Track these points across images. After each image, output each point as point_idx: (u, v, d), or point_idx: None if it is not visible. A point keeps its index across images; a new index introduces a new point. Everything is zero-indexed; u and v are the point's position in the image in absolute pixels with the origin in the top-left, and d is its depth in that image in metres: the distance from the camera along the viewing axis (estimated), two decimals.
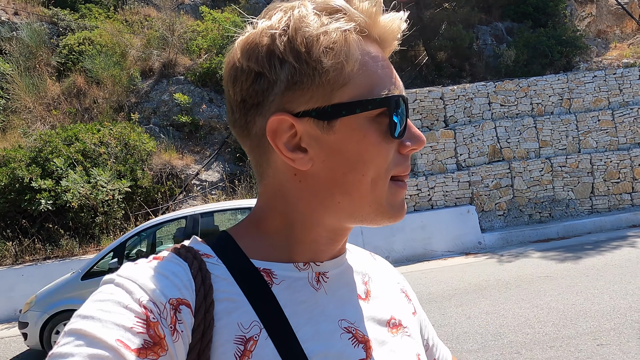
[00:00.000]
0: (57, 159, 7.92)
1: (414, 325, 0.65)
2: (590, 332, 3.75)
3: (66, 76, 10.89)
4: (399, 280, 0.70)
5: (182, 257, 0.51)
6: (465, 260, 7.18)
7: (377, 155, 0.51)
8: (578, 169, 8.61)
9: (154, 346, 0.44)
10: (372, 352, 0.54)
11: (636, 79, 9.08)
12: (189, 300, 0.48)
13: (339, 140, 0.50)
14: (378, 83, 0.51)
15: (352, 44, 0.49)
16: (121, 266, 0.51)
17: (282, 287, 0.53)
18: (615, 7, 14.16)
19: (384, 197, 0.52)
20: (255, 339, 0.48)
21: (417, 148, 0.54)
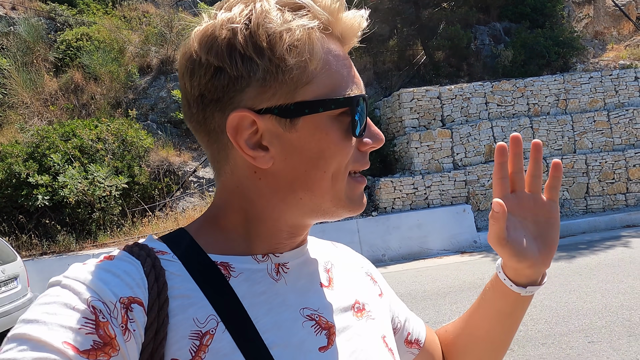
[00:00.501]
0: (55, 154, 7.92)
1: (380, 308, 0.65)
2: (582, 329, 3.80)
3: (64, 72, 10.88)
4: (363, 265, 0.70)
5: (134, 255, 0.50)
6: (461, 258, 7.23)
7: (338, 153, 0.51)
8: (573, 169, 8.68)
9: (104, 346, 0.43)
10: (335, 337, 0.55)
11: (632, 81, 9.15)
12: (141, 298, 0.47)
13: (301, 138, 0.50)
14: (341, 82, 0.51)
15: (316, 42, 0.49)
16: (70, 267, 0.49)
17: (240, 280, 0.52)
18: (612, 8, 14.24)
19: (343, 192, 0.53)
20: (211, 333, 0.48)
21: (376, 146, 0.55)
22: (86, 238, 7.81)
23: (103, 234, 7.87)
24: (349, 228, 7.55)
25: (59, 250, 7.43)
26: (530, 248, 0.61)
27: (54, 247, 7.48)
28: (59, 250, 7.43)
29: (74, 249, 7.48)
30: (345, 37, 0.54)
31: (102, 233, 7.88)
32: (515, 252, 0.61)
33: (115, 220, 8.16)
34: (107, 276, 0.47)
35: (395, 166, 9.13)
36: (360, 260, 0.71)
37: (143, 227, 8.24)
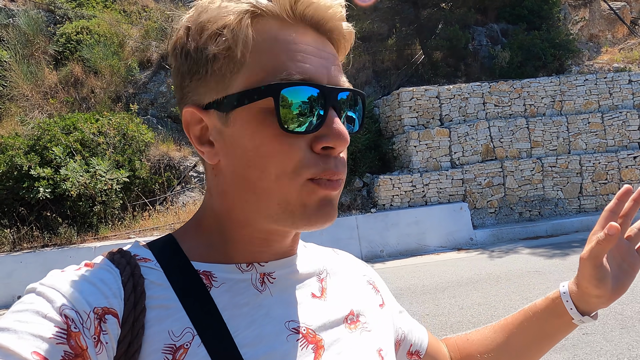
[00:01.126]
0: (56, 147, 7.95)
1: (380, 319, 0.63)
2: None
3: (63, 65, 10.86)
4: (365, 273, 0.68)
5: (114, 263, 0.49)
6: (458, 255, 7.38)
7: (275, 151, 0.47)
8: (567, 169, 8.87)
9: (75, 357, 0.41)
10: (323, 351, 0.52)
11: (626, 84, 9.35)
12: (116, 309, 0.45)
13: (236, 133, 0.48)
14: (276, 68, 0.46)
15: (243, 27, 0.47)
16: (48, 273, 0.48)
17: (222, 290, 0.50)
18: (607, 12, 14.47)
19: (295, 196, 0.48)
20: (186, 347, 0.46)
21: (334, 147, 0.48)
22: (87, 231, 7.86)
23: (104, 227, 7.93)
24: (348, 224, 7.67)
25: (61, 243, 7.47)
26: (609, 281, 0.64)
27: (56, 240, 7.52)
28: (60, 242, 7.48)
29: (75, 241, 7.53)
30: (312, 20, 0.49)
31: (104, 226, 7.94)
32: (600, 277, 0.63)
33: (116, 213, 8.21)
34: (83, 285, 0.45)
35: (393, 164, 9.27)
36: (362, 268, 0.68)
37: (144, 220, 8.30)
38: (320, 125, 0.47)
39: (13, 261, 6.93)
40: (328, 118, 0.47)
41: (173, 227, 8.03)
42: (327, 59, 0.49)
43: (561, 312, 0.68)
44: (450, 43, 11.69)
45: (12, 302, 6.68)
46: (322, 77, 0.48)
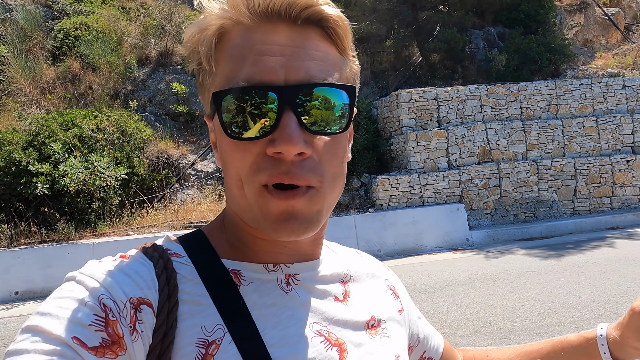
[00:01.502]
0: (55, 143, 7.93)
1: (398, 325, 0.63)
2: (573, 321, 4.05)
3: (61, 61, 10.81)
4: (387, 277, 0.68)
5: (148, 256, 0.50)
6: (454, 255, 7.48)
7: (233, 155, 0.48)
8: (562, 172, 9.00)
9: (112, 345, 0.43)
10: (347, 355, 0.53)
11: (620, 89, 9.51)
12: (151, 300, 0.47)
13: (218, 140, 0.52)
14: (229, 75, 0.47)
15: (207, 39, 0.48)
16: (86, 263, 0.50)
17: (251, 289, 0.51)
18: (602, 17, 14.68)
19: (256, 204, 0.48)
20: (217, 343, 0.47)
21: (280, 151, 0.45)
22: (85, 227, 7.85)
23: (102, 223, 7.92)
24: (346, 223, 7.74)
25: (59, 239, 7.46)
26: None
27: (53, 236, 7.51)
28: (58, 238, 7.46)
29: (73, 237, 7.52)
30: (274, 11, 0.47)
31: (102, 223, 7.93)
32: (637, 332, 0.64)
33: (115, 210, 8.21)
34: (119, 275, 0.47)
35: (391, 164, 9.35)
36: (384, 273, 0.68)
37: (142, 218, 8.30)
38: (275, 129, 0.45)
39: (10, 257, 6.91)
40: (280, 121, 0.45)
41: (171, 225, 8.04)
42: (294, 55, 0.46)
43: (593, 353, 0.68)
44: (448, 45, 11.80)
45: (9, 297, 6.66)
46: (277, 76, 0.46)
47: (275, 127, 0.45)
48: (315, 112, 0.47)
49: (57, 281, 6.74)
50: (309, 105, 0.46)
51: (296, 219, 0.47)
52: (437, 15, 12.79)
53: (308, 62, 0.47)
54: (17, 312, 6.01)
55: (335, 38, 0.50)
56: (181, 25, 11.87)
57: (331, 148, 0.49)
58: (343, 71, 0.51)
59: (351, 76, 0.53)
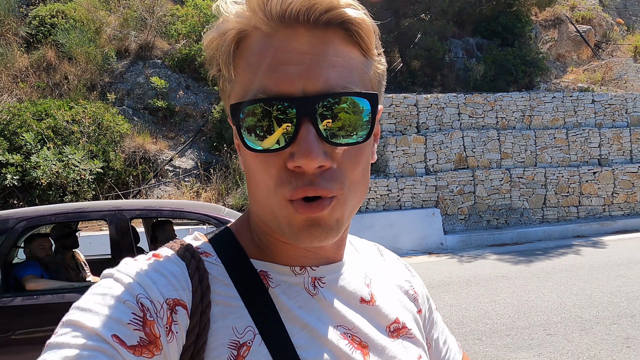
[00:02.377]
0: (27, 133, 7.68)
1: (418, 326, 0.63)
2: (541, 324, 4.23)
3: (36, 48, 10.47)
4: (408, 278, 0.67)
5: (180, 256, 0.51)
6: (429, 259, 7.65)
7: (256, 167, 0.48)
8: (533, 181, 9.34)
9: (149, 345, 0.43)
10: (370, 358, 0.53)
11: (589, 103, 9.94)
12: (185, 301, 0.47)
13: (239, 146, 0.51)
14: (249, 86, 0.46)
15: (225, 46, 0.48)
16: (121, 261, 0.50)
17: (279, 292, 0.52)
18: (574, 34, 15.30)
19: (281, 214, 0.47)
20: (248, 345, 0.48)
21: (300, 165, 0.44)
22: None
23: None
24: None
25: None
26: None
27: None
28: None
29: None
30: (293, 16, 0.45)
31: None
32: None
33: None
34: (155, 276, 0.47)
35: (370, 168, 9.46)
36: (404, 273, 0.67)
37: None
38: (293, 141, 0.44)
39: None
40: (299, 134, 0.44)
41: None
42: (313, 63, 0.45)
43: None
44: (429, 53, 12.06)
45: None
46: (295, 87, 0.44)
47: (294, 139, 0.44)
48: (335, 122, 0.45)
49: None
50: (328, 116, 0.45)
51: (319, 226, 0.47)
52: (419, 23, 13.04)
53: (328, 70, 0.45)
54: None
55: (358, 39, 0.48)
56: (163, 18, 11.68)
57: (352, 156, 0.48)
58: (366, 74, 0.49)
59: (375, 78, 0.51)
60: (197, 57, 10.71)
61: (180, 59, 10.95)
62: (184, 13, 11.94)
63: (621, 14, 19.27)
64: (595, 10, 16.58)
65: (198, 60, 10.69)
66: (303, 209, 0.45)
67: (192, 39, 11.26)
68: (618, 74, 13.20)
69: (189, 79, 11.00)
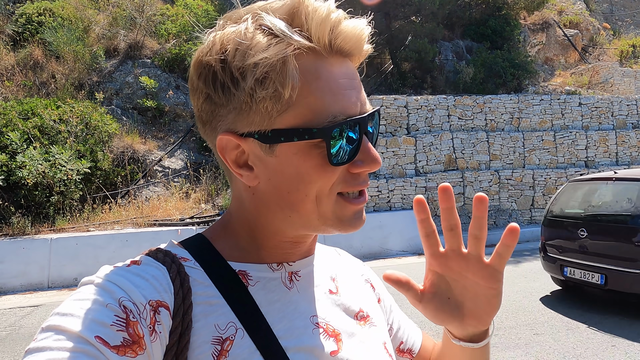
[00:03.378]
0: (12, 132, 7.56)
1: (379, 314, 0.67)
2: (528, 323, 4.27)
3: (22, 46, 10.32)
4: (363, 272, 0.72)
5: (160, 261, 0.52)
6: (419, 259, 7.67)
7: (318, 178, 0.51)
8: (522, 182, 9.43)
9: (132, 344, 0.45)
10: (342, 344, 0.57)
11: (576, 106, 10.08)
12: (167, 303, 0.49)
13: (280, 162, 0.51)
14: (322, 109, 0.49)
15: (290, 71, 0.48)
16: (100, 269, 0.52)
17: (258, 288, 0.55)
18: (562, 37, 15.51)
19: (331, 211, 0.53)
20: (231, 339, 0.50)
21: (369, 170, 0.53)
22: (43, 222, 7.51)
23: (61, 218, 7.60)
24: None
25: (13, 233, 7.09)
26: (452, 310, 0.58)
27: (7, 230, 7.13)
28: (12, 232, 7.09)
29: (29, 232, 7.17)
30: (345, 51, 0.52)
31: (61, 217, 7.61)
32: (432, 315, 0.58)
33: (75, 205, 7.90)
34: (137, 279, 0.49)
35: None
36: (360, 268, 0.73)
37: (104, 213, 8.03)
38: (357, 152, 0.51)
39: None
40: (363, 145, 0.52)
41: (135, 222, 7.82)
42: (357, 88, 0.53)
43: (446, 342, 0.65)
44: (419, 55, 12.12)
45: None
46: (357, 108, 0.52)
47: (358, 150, 0.52)
48: (374, 130, 0.56)
49: (9, 278, 6.42)
50: (372, 126, 0.55)
51: (362, 215, 0.55)
52: (409, 25, 13.12)
53: (363, 92, 0.55)
54: None
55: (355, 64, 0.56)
56: (152, 17, 11.60)
57: None
58: None
59: None
60: (187, 57, 10.64)
61: (170, 59, 10.87)
62: (174, 12, 11.87)
63: (607, 19, 19.60)
64: (582, 15, 16.83)
65: (188, 60, 10.62)
66: (355, 200, 0.54)
67: (182, 38, 11.20)
68: (604, 78, 13.42)
69: (178, 78, 10.93)
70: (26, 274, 6.47)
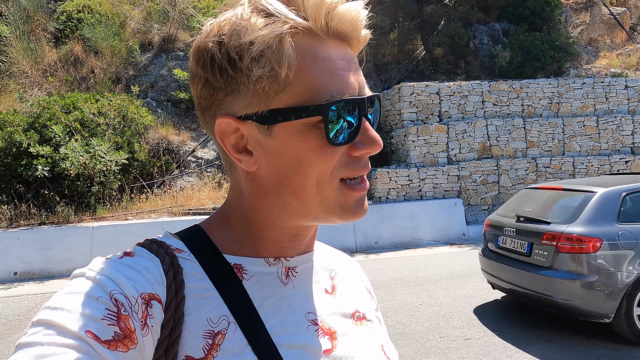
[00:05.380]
0: (56, 126, 7.94)
1: (378, 320, 0.67)
2: None
3: (63, 43, 10.77)
4: (363, 279, 0.72)
5: (153, 252, 0.52)
6: (450, 249, 7.54)
7: (318, 160, 0.50)
8: (561, 170, 9.04)
9: (124, 339, 0.44)
10: (338, 342, 0.56)
11: (622, 89, 9.51)
12: (160, 295, 0.48)
13: (279, 144, 0.50)
14: (320, 88, 0.49)
15: (286, 49, 0.48)
16: (92, 261, 0.51)
17: (252, 282, 0.54)
18: (607, 16, 14.61)
19: (333, 198, 0.52)
20: (223, 333, 0.50)
21: (370, 152, 0.52)
22: (85, 210, 7.89)
23: (102, 207, 7.96)
24: None
25: (58, 221, 7.50)
26: None
27: (53, 218, 7.55)
28: (57, 221, 7.50)
29: (72, 220, 7.56)
30: (342, 34, 0.52)
31: (101, 207, 7.97)
32: None
33: (114, 194, 8.24)
34: (129, 272, 0.48)
35: (391, 157, 9.37)
36: (360, 274, 0.72)
37: (141, 203, 8.34)
38: (356, 134, 0.51)
39: (10, 237, 6.96)
40: (362, 127, 0.51)
41: (170, 211, 8.09)
42: (356, 71, 0.53)
43: None
44: (452, 40, 11.76)
45: (8, 277, 6.72)
46: (355, 89, 0.51)
47: (357, 132, 0.51)
48: (374, 117, 0.55)
49: (55, 263, 6.81)
50: (372, 112, 0.55)
51: (364, 202, 0.55)
52: (442, 9, 12.73)
53: (362, 75, 0.54)
54: (15, 292, 6.07)
55: (356, 50, 0.56)
56: (184, 11, 11.80)
57: None
58: None
59: None
60: None
61: None
62: (205, 5, 12.04)
63: None
64: None
65: None
66: (357, 186, 0.53)
67: None
68: None
69: None
70: (70, 260, 6.84)
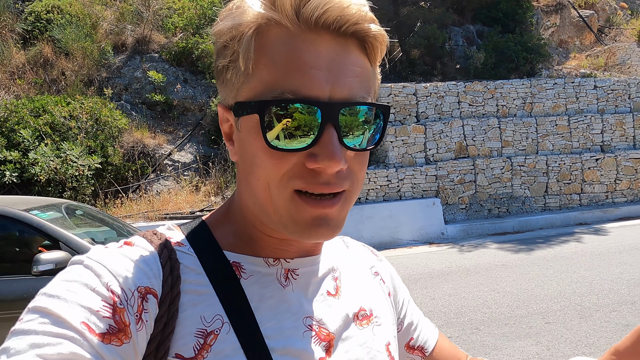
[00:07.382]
0: (24, 130, 7.67)
1: (386, 310, 0.63)
2: (540, 312, 4.19)
3: (32, 45, 10.42)
4: (373, 264, 0.68)
5: (153, 244, 0.51)
6: (429, 249, 7.61)
7: (265, 162, 0.47)
8: (535, 169, 9.25)
9: (118, 332, 0.43)
10: (334, 350, 0.54)
11: (591, 89, 9.80)
12: (156, 289, 0.47)
13: (243, 139, 0.50)
14: (272, 83, 0.46)
15: (245, 40, 0.47)
16: (91, 248, 0.50)
17: (250, 282, 0.52)
18: (577, 19, 15.06)
19: (284, 208, 0.48)
20: (216, 333, 0.48)
21: (322, 168, 0.46)
22: None
23: None
24: None
25: None
26: None
27: None
28: None
29: None
30: (327, 24, 0.46)
31: None
32: None
33: (87, 200, 8.01)
34: (127, 263, 0.47)
35: (370, 158, 9.40)
36: (369, 259, 0.69)
37: (116, 208, 8.13)
38: (315, 143, 0.45)
39: None
40: (322, 137, 0.45)
41: (147, 215, 7.91)
42: (339, 70, 0.46)
43: None
44: (428, 41, 11.91)
45: None
46: (323, 91, 0.45)
47: (316, 142, 0.45)
48: (355, 129, 0.48)
49: None
50: (349, 123, 0.47)
51: (328, 224, 0.48)
52: (418, 11, 12.88)
53: (350, 78, 0.47)
54: None
55: (370, 51, 0.50)
56: (159, 12, 11.59)
57: (362, 159, 0.51)
58: (373, 84, 0.52)
59: (377, 88, 0.53)
60: (194, 50, 10.63)
61: (178, 53, 10.87)
62: (180, 6, 11.84)
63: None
64: None
65: (195, 53, 10.61)
66: (312, 202, 0.47)
67: (189, 32, 11.17)
68: (621, 59, 13.02)
69: (186, 72, 10.94)
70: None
